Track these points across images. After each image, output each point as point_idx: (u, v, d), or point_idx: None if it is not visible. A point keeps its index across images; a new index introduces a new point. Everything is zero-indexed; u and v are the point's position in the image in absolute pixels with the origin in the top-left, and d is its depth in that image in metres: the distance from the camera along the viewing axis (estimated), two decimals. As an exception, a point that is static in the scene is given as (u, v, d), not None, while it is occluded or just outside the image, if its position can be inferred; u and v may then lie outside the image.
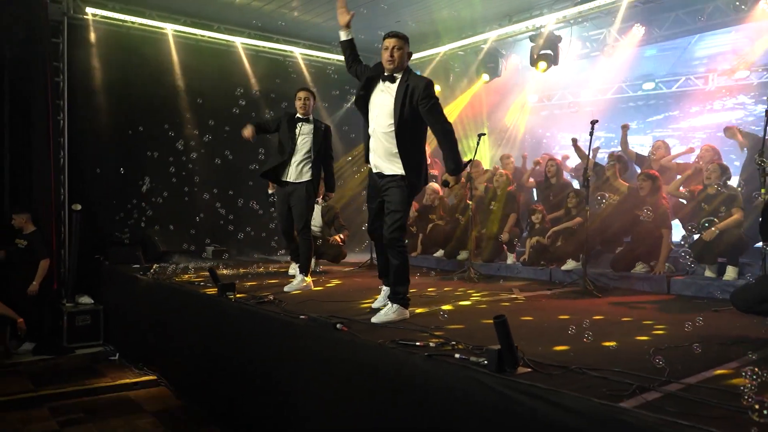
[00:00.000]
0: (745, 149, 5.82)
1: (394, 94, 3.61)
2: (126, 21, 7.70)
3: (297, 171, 5.11)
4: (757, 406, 1.82)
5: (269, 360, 3.77)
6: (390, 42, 3.64)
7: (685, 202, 5.51)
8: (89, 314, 6.75)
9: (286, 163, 5.10)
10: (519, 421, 2.21)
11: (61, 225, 7.14)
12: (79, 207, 6.94)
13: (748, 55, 7.19)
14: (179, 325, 5.16)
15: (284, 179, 5.13)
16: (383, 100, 3.66)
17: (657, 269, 5.22)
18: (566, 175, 7.24)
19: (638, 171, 6.13)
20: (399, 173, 3.66)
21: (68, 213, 7.18)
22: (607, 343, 2.99)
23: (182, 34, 8.27)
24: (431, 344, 2.91)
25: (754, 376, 1.95)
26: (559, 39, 7.76)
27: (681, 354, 2.74)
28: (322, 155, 5.21)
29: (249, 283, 5.40)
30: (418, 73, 9.76)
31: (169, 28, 8.09)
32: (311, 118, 5.23)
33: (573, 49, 8.15)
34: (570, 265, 5.71)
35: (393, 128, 3.60)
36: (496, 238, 6.40)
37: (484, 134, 6.01)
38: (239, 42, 8.76)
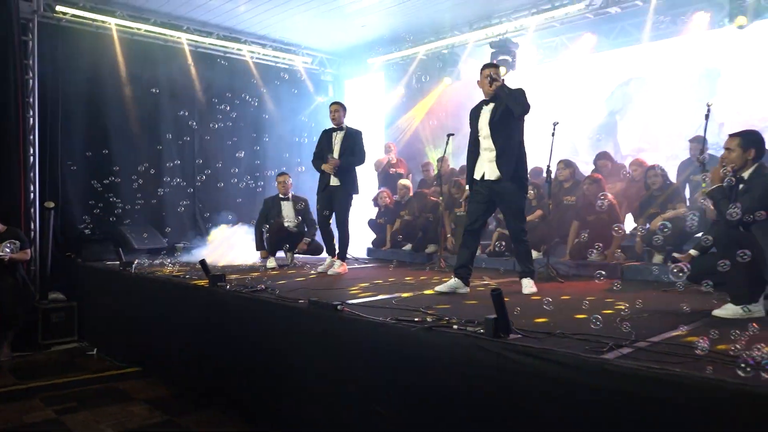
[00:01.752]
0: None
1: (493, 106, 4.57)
2: (96, 20, 7.74)
3: None
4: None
5: (271, 343, 4.05)
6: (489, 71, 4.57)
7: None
8: (64, 311, 6.81)
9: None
10: (516, 376, 2.59)
11: (31, 222, 7.13)
12: (52, 204, 6.97)
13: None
14: (167, 316, 5.34)
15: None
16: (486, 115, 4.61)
17: (609, 257, 5.78)
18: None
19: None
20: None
21: (39, 211, 7.19)
22: (579, 316, 3.44)
23: (152, 34, 8.36)
24: (428, 319, 3.27)
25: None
26: (516, 46, 8.30)
27: (642, 322, 3.21)
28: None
29: (232, 276, 5.63)
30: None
31: (142, 28, 8.16)
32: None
33: (530, 55, 8.70)
34: (532, 255, 6.20)
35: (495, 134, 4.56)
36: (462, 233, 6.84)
37: (453, 134, 6.41)
38: (202, 41, 8.91)
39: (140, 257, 7.14)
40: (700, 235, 5.94)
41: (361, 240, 8.13)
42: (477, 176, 4.63)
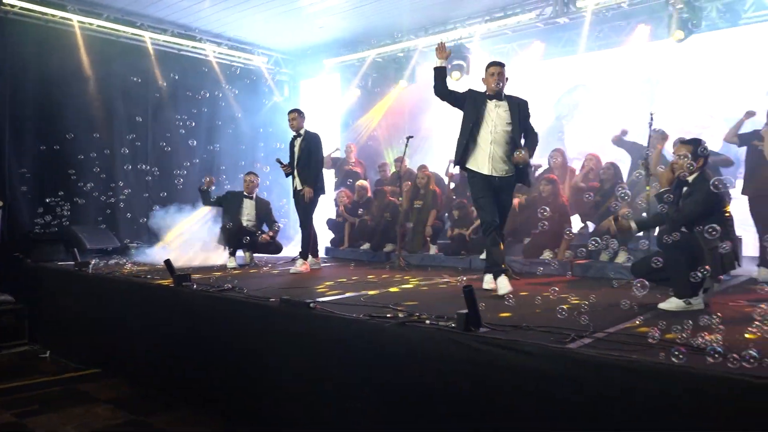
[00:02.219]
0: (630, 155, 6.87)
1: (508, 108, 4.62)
2: (47, 14, 7.53)
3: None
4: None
5: (242, 341, 4.11)
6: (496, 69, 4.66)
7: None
8: (12, 313, 6.60)
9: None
10: (487, 367, 2.79)
11: (-23, 222, 6.90)
12: (0, 203, 6.75)
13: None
14: (128, 317, 5.29)
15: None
16: (499, 113, 4.61)
17: (560, 255, 6.11)
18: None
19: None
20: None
21: (-14, 210, 6.96)
22: (539, 310, 3.69)
23: (106, 30, 8.20)
24: (400, 315, 3.44)
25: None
26: (469, 51, 8.59)
27: (596, 315, 3.47)
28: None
29: (195, 275, 5.63)
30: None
31: (95, 23, 7.99)
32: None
33: (482, 61, 8.99)
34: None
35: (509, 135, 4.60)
36: (420, 231, 7.07)
37: (412, 137, 6.60)
38: (158, 38, 8.80)
39: (93, 257, 7.01)
40: (640, 234, 6.42)
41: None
42: (484, 171, 4.62)
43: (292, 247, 7.68)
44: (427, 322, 3.20)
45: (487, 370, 2.79)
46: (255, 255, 7.08)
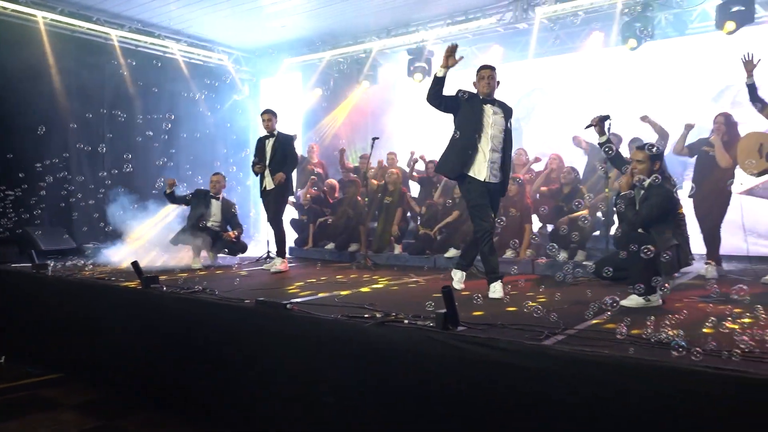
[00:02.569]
0: (587, 155, 7.16)
1: (502, 114, 4.58)
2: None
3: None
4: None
5: (216, 343, 4.10)
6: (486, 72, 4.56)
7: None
8: (-38, 318, 6.36)
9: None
10: (466, 364, 2.90)
11: None
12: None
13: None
14: (93, 320, 5.19)
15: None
16: (496, 120, 4.53)
17: (521, 254, 6.33)
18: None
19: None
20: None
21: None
22: (510, 308, 3.84)
23: (59, 24, 7.96)
24: (377, 315, 3.52)
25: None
26: (432, 54, 8.74)
27: (564, 312, 3.63)
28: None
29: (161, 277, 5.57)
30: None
31: (48, 17, 7.75)
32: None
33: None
34: (451, 253, 6.64)
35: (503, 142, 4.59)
36: (387, 231, 7.17)
37: (378, 138, 6.69)
38: (116, 34, 8.60)
39: (49, 259, 6.81)
40: (597, 233, 6.71)
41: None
42: (482, 177, 4.54)
43: (254, 247, 7.67)
44: (406, 321, 3.30)
45: (466, 366, 2.90)
46: (220, 255, 7.03)
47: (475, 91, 4.63)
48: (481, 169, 4.54)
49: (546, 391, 2.63)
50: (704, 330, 3.11)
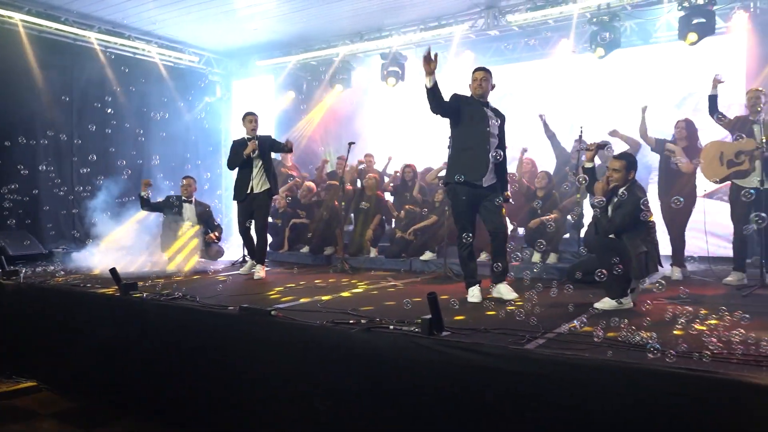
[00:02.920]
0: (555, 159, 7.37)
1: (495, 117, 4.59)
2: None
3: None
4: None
5: (198, 350, 4.11)
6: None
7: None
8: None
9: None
10: (452, 368, 2.99)
11: None
12: None
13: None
14: (68, 328, 5.11)
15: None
16: (493, 123, 4.53)
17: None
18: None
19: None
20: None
21: None
22: (489, 312, 3.96)
23: (28, 24, 7.79)
24: (362, 321, 3.59)
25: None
26: (405, 59, 8.85)
27: (542, 316, 3.77)
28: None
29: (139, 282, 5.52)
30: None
31: (15, 17, 7.58)
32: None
33: (415, 68, 9.28)
34: (427, 256, 6.76)
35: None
36: (362, 235, 7.24)
37: (354, 143, 6.76)
38: (84, 35, 8.46)
39: (18, 265, 6.68)
40: (567, 236, 6.91)
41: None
42: (477, 181, 4.51)
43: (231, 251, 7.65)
44: (391, 327, 3.38)
45: (452, 371, 2.99)
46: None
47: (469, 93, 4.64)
48: (483, 173, 4.49)
49: (530, 394, 2.75)
50: (675, 332, 3.28)
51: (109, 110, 8.53)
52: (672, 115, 7.52)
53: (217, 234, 6.97)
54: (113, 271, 4.90)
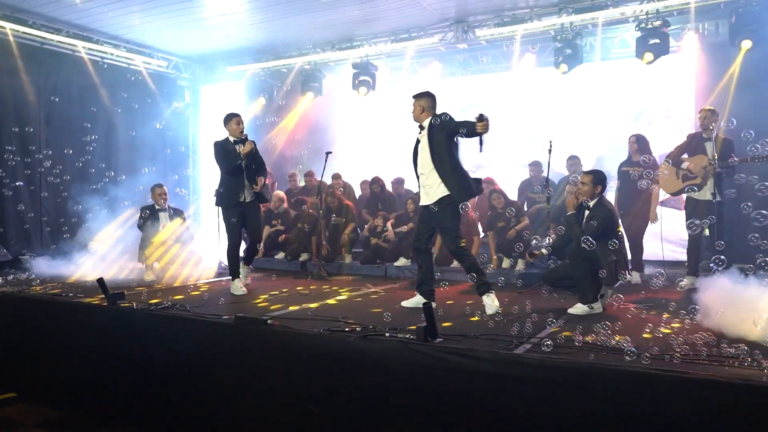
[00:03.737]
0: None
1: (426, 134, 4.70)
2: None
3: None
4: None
5: (191, 359, 4.21)
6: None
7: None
8: None
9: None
10: (448, 372, 3.23)
11: None
12: None
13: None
14: (49, 338, 5.11)
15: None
16: (423, 144, 4.69)
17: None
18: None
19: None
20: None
21: None
22: (473, 318, 4.23)
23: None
24: (357, 329, 3.79)
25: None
26: (376, 68, 9.07)
27: (523, 322, 4.04)
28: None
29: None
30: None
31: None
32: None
33: (383, 77, 9.52)
34: (401, 262, 7.00)
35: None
36: (336, 241, 7.43)
37: (330, 152, 6.94)
38: (51, 38, 8.36)
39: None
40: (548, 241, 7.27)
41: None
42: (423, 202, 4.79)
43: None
44: (387, 334, 3.59)
45: (448, 375, 3.23)
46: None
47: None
48: (422, 195, 4.80)
49: (520, 394, 3.02)
50: (644, 335, 3.61)
51: (79, 117, 8.46)
52: (628, 128, 8.01)
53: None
54: (100, 281, 4.93)
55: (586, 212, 4.60)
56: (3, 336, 5.46)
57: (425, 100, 4.77)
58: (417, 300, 4.72)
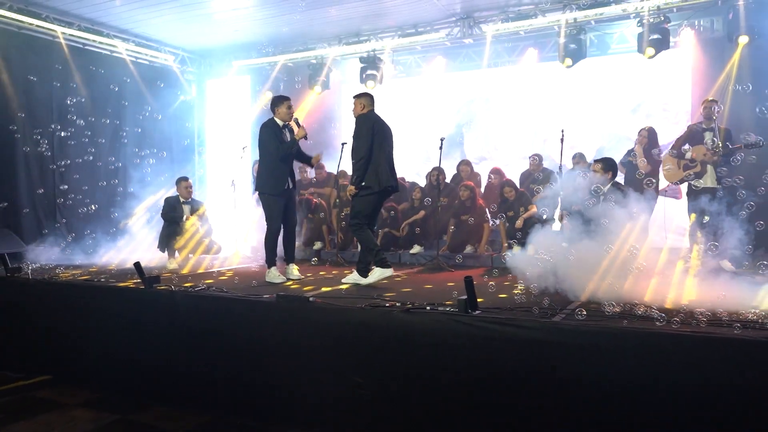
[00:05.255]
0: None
1: None
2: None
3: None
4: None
5: (233, 337, 4.38)
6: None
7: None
8: None
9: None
10: (490, 342, 3.46)
11: None
12: None
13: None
14: (85, 322, 5.25)
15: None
16: None
17: (480, 250, 7.05)
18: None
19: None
20: None
21: None
22: (502, 295, 4.48)
23: (6, 20, 7.74)
24: (397, 304, 4.02)
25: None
26: (382, 62, 9.29)
27: (543, 297, 4.25)
28: None
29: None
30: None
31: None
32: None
33: (388, 71, 9.73)
34: (416, 249, 7.24)
35: None
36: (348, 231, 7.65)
37: (345, 143, 7.13)
38: (64, 32, 8.45)
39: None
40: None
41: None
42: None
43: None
44: (428, 308, 3.83)
45: (490, 344, 3.46)
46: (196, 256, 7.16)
47: None
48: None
49: (563, 360, 3.26)
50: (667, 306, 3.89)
51: (88, 110, 8.57)
52: (627, 121, 8.36)
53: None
54: (137, 265, 5.09)
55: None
56: (36, 321, 5.60)
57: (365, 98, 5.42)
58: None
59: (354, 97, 5.46)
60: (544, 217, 5.62)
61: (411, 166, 9.20)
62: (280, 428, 4.15)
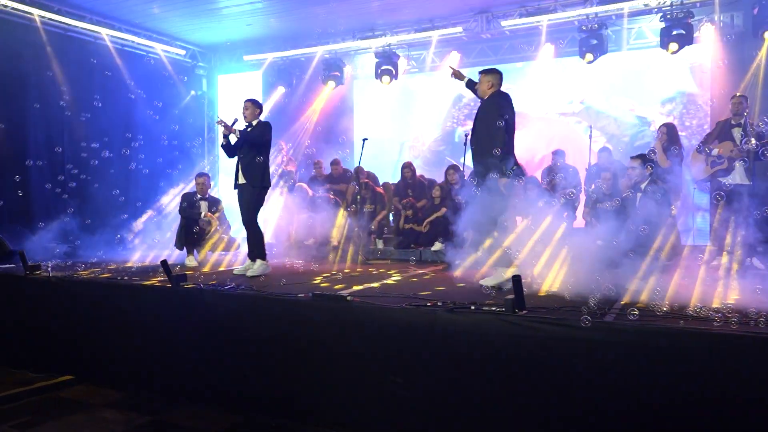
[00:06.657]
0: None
1: None
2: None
3: None
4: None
5: (266, 336, 4.29)
6: None
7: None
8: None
9: None
10: (539, 341, 3.39)
11: None
12: None
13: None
14: (109, 321, 5.15)
15: None
16: None
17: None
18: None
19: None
20: None
21: None
22: (541, 293, 4.40)
23: (8, 9, 7.63)
24: (439, 303, 3.94)
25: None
26: (398, 57, 9.19)
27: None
28: None
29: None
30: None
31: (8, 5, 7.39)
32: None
33: (401, 66, 9.63)
34: (437, 246, 7.16)
35: None
36: (367, 228, 7.58)
37: (367, 138, 7.05)
38: (75, 24, 8.33)
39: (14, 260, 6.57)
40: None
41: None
42: None
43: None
44: (472, 307, 3.75)
45: (539, 343, 3.39)
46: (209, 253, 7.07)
47: None
48: None
49: (615, 360, 3.19)
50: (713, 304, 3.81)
51: (99, 106, 8.45)
52: (646, 117, 8.29)
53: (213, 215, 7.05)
54: (164, 263, 4.99)
55: (638, 194, 4.81)
56: (57, 320, 5.49)
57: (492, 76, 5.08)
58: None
59: (480, 74, 5.09)
60: None
61: (429, 162, 9.16)
62: (316, 429, 4.07)
